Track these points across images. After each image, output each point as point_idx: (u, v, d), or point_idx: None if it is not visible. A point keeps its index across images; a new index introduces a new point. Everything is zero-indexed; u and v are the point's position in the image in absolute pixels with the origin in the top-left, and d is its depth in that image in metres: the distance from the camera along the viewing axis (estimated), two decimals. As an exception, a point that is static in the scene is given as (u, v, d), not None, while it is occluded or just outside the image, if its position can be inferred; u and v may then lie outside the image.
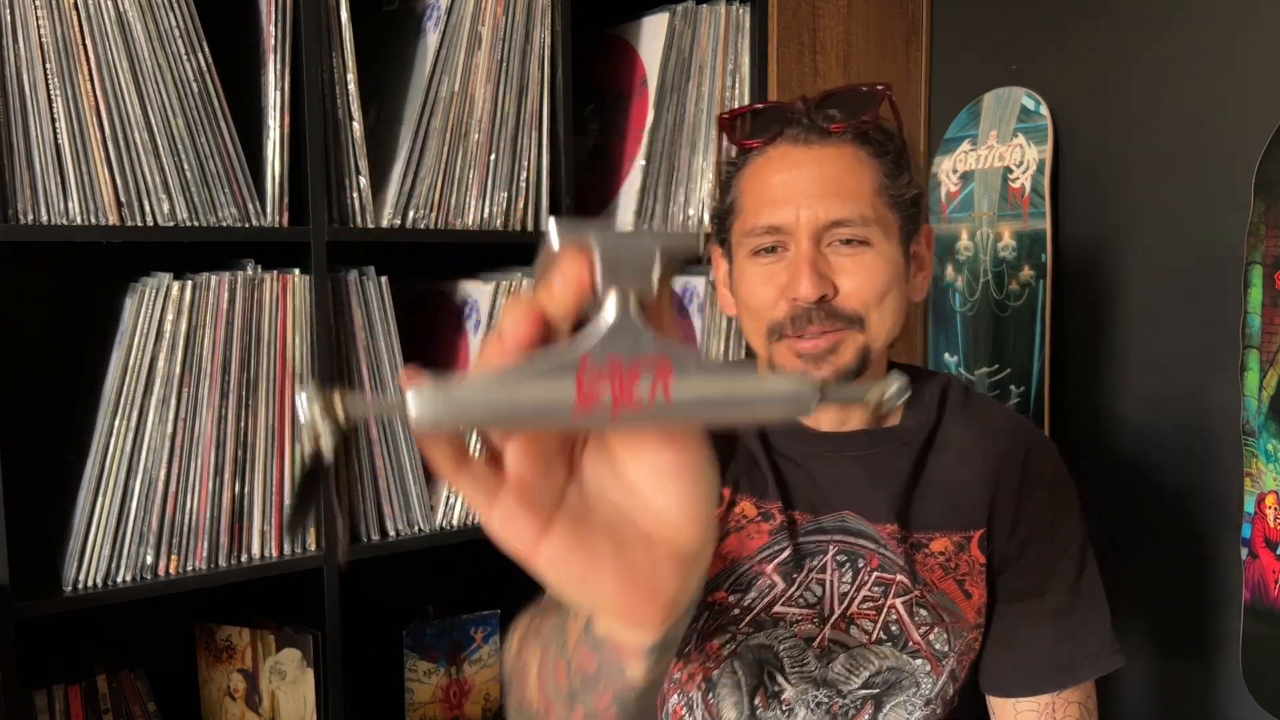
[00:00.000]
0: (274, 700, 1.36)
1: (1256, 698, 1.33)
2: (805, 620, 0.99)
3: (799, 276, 0.93)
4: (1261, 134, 1.30)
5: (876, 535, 0.99)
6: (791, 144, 0.96)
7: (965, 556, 1.01)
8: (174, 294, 1.19)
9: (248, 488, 1.26)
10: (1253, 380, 1.31)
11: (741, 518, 1.01)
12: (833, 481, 1.01)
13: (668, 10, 1.51)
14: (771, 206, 0.95)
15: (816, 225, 0.93)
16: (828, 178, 0.94)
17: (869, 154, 0.95)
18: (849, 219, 0.93)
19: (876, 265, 0.94)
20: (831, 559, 0.99)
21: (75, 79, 1.14)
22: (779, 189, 0.95)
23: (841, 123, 0.95)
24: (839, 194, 0.93)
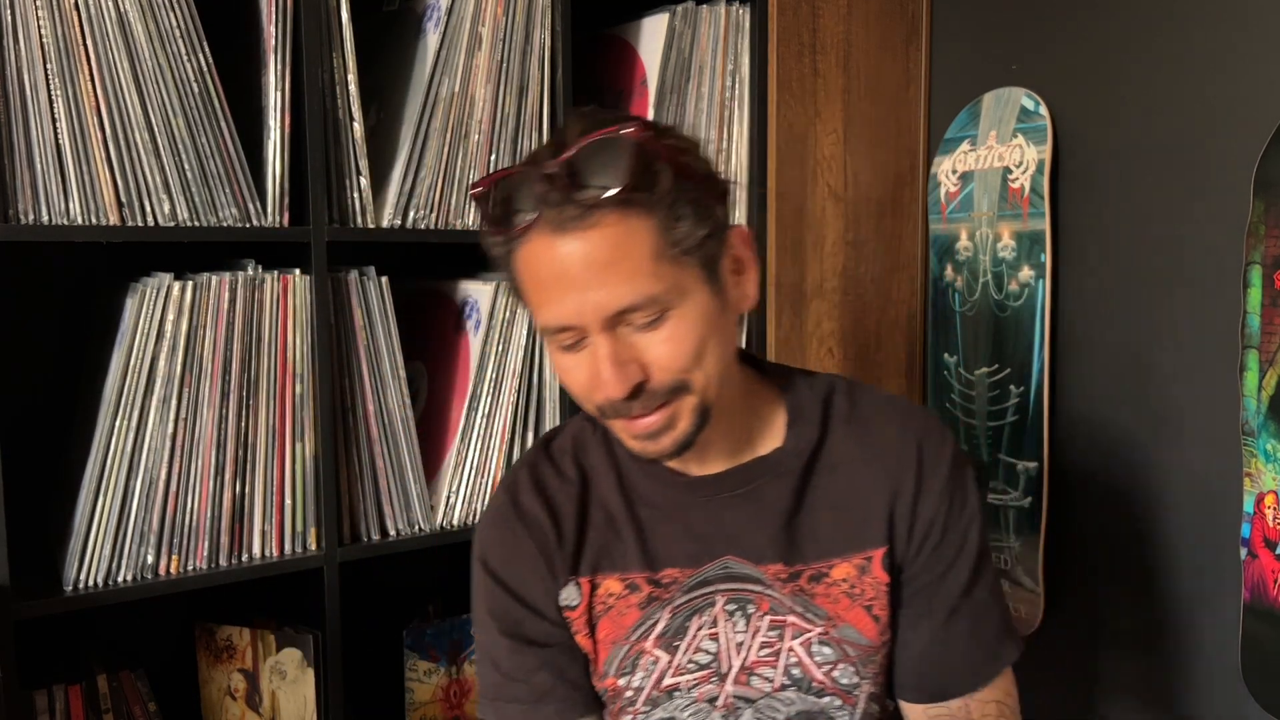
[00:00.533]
0: (274, 700, 1.36)
1: (1256, 698, 1.33)
2: (703, 682, 0.96)
3: (603, 377, 0.85)
4: (1261, 134, 1.30)
5: (762, 577, 0.95)
6: (550, 233, 0.84)
7: (869, 579, 0.96)
8: (175, 294, 1.20)
9: (248, 488, 1.26)
10: (1252, 380, 1.32)
11: (609, 597, 0.97)
12: (710, 527, 0.96)
13: (668, 10, 1.51)
14: (552, 306, 0.86)
15: (603, 317, 0.84)
16: (598, 265, 0.83)
17: (636, 217, 0.83)
18: (635, 304, 0.84)
19: (681, 331, 0.86)
20: (721, 610, 0.95)
21: (76, 79, 1.14)
22: (554, 286, 0.85)
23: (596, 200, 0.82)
24: (616, 280, 0.83)
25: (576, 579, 0.98)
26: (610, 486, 0.99)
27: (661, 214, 0.84)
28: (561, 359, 0.90)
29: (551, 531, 0.98)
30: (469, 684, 1.54)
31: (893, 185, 1.75)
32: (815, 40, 1.64)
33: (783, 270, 1.63)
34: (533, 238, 0.86)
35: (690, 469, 0.98)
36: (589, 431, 1.02)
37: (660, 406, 0.88)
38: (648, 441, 0.90)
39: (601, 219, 0.83)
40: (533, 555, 0.98)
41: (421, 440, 1.39)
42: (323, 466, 1.29)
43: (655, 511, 0.98)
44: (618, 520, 0.98)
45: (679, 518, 0.97)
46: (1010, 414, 1.63)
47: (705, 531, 0.96)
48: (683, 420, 0.89)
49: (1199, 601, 1.44)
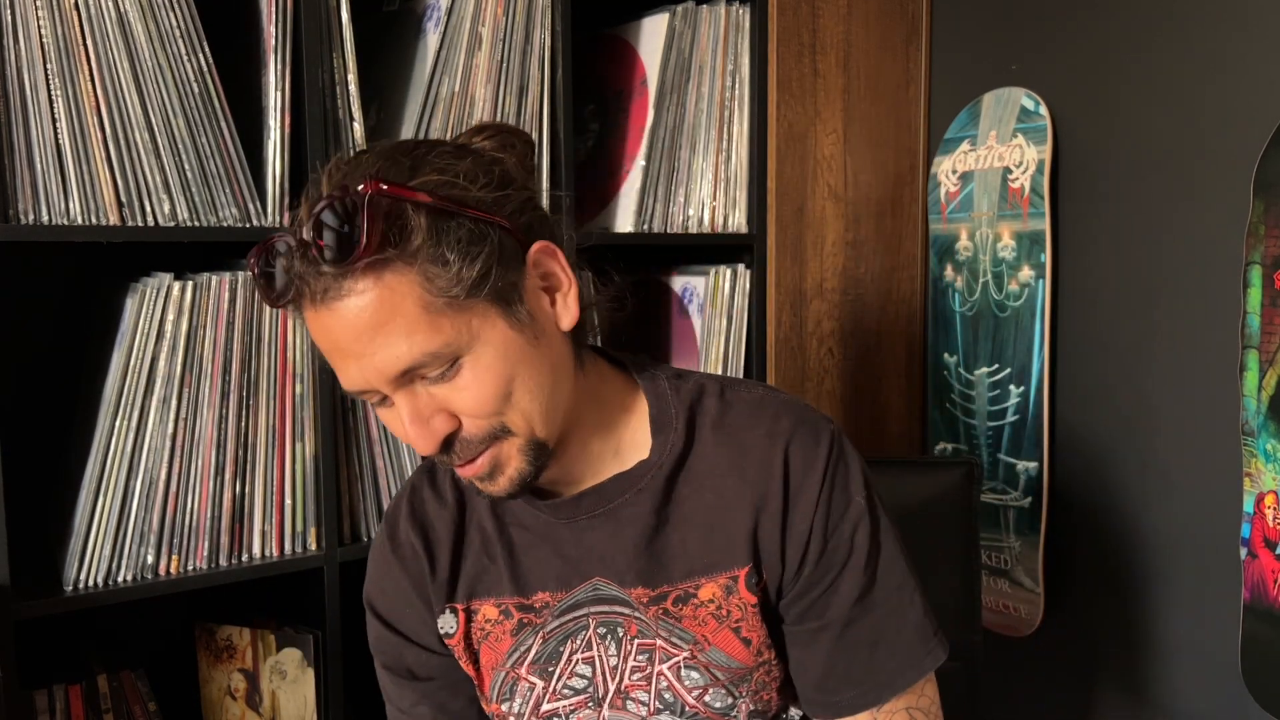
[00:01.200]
0: (274, 700, 1.36)
1: (1256, 697, 1.33)
2: (580, 707, 0.93)
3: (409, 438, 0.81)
4: (1261, 134, 1.30)
5: (628, 599, 0.91)
6: (310, 308, 0.79)
7: (735, 600, 0.90)
8: (175, 294, 1.20)
9: (248, 488, 1.26)
10: (1252, 380, 1.32)
11: (486, 623, 0.94)
12: (577, 549, 0.92)
13: (668, 10, 1.51)
14: (340, 373, 0.82)
15: (390, 379, 0.79)
16: (366, 331, 0.77)
17: (392, 275, 0.77)
18: (415, 363, 0.78)
19: (480, 377, 0.80)
20: (594, 633, 0.92)
21: (76, 79, 1.14)
22: (334, 355, 0.81)
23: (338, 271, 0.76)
24: (388, 343, 0.77)
25: (453, 605, 0.95)
26: (485, 508, 0.95)
27: (422, 264, 0.77)
28: (380, 415, 0.86)
29: (426, 562, 0.95)
30: (469, 684, 1.54)
31: (893, 185, 1.76)
32: (815, 40, 1.64)
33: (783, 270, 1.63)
34: (302, 310, 0.80)
35: (560, 489, 0.93)
36: None
37: (481, 454, 0.83)
38: (485, 483, 0.86)
39: (354, 286, 0.77)
40: (408, 589, 0.96)
41: (421, 440, 1.39)
42: (323, 466, 1.30)
43: (526, 534, 0.94)
44: (491, 543, 0.94)
45: (548, 540, 0.93)
46: (1010, 414, 1.63)
47: (573, 554, 0.92)
48: (513, 461, 0.84)
49: (1199, 601, 1.44)
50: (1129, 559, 1.52)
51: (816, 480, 0.89)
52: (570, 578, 0.92)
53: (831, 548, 0.90)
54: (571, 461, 0.91)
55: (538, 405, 0.83)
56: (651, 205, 1.53)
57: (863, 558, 0.90)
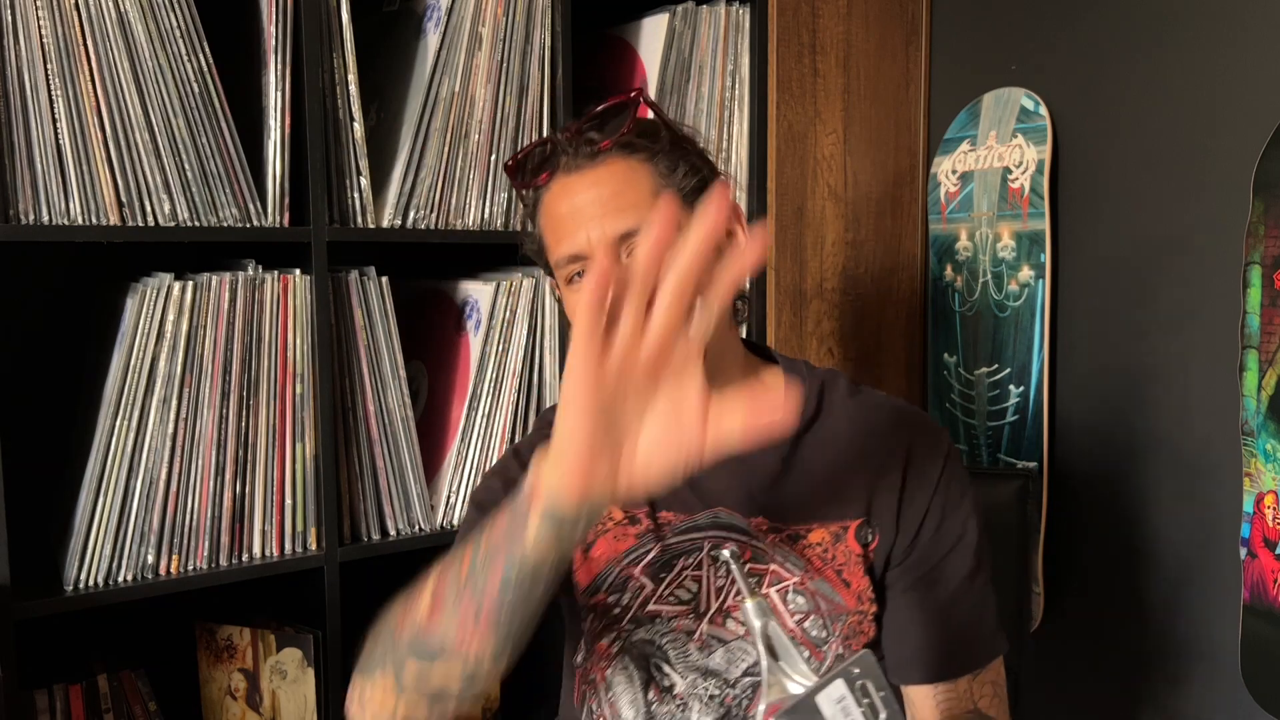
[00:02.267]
0: (274, 700, 1.36)
1: (1256, 697, 1.33)
2: (681, 616, 1.03)
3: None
4: (1260, 134, 1.30)
5: (747, 527, 1.03)
6: (565, 174, 1.00)
7: (842, 547, 1.03)
8: (175, 294, 1.20)
9: (249, 488, 1.26)
10: (1251, 380, 1.32)
11: (609, 521, 1.05)
12: (703, 480, 1.03)
13: (668, 11, 1.51)
14: (565, 237, 0.99)
15: (608, 239, 0.97)
16: (605, 196, 0.98)
17: (639, 161, 0.99)
18: (634, 228, 0.96)
19: None
20: (706, 555, 1.03)
21: (76, 79, 1.14)
22: (567, 219, 0.99)
23: (602, 140, 0.99)
24: (619, 207, 0.97)
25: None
26: None
27: (660, 161, 0.99)
28: (570, 294, 1.01)
29: None
30: (469, 684, 1.54)
31: (892, 185, 1.76)
32: (815, 40, 1.64)
33: (783, 270, 1.63)
34: (553, 184, 1.00)
35: None
36: None
37: None
38: None
39: (608, 160, 0.98)
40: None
41: (421, 440, 1.39)
42: (323, 466, 1.30)
43: None
44: None
45: None
46: (1010, 414, 1.63)
47: (699, 483, 1.03)
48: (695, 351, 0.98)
49: (1199, 601, 1.44)
50: (1129, 559, 1.52)
51: (938, 465, 1.04)
52: (693, 504, 1.04)
53: (947, 527, 1.03)
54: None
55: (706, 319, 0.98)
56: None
57: (973, 543, 1.04)
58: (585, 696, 1.07)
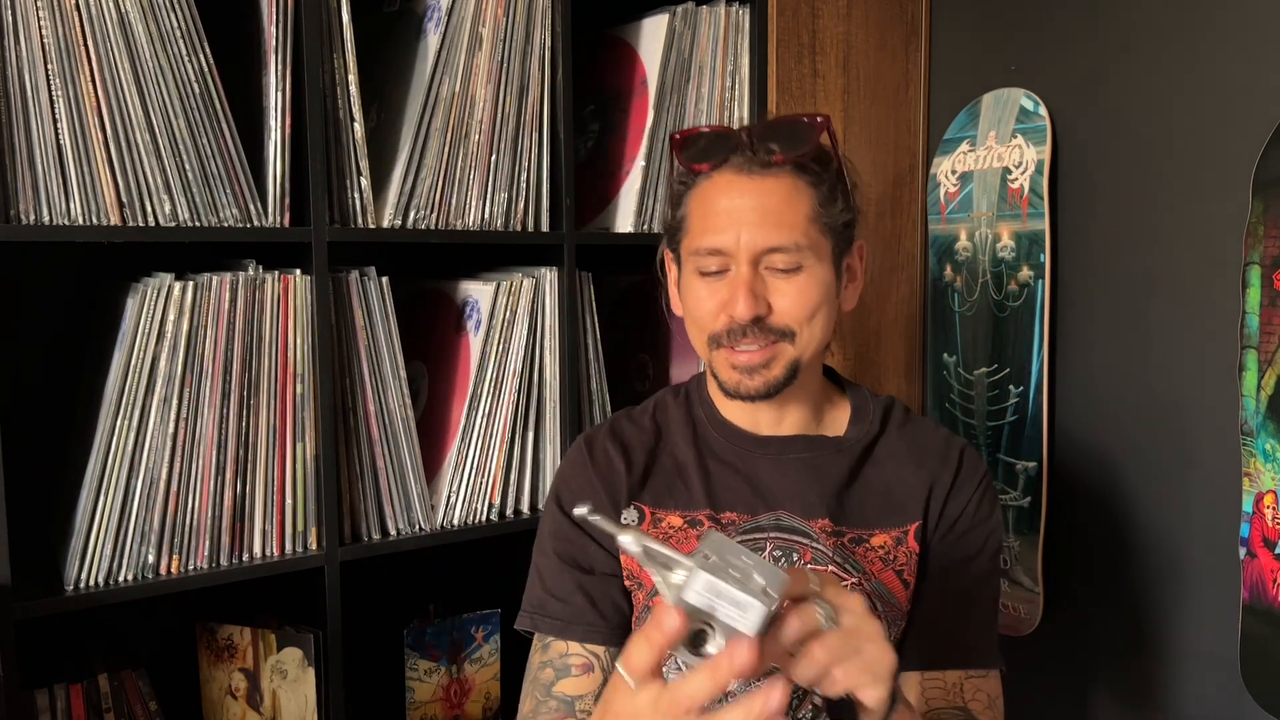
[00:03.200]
0: (275, 699, 1.37)
1: (1256, 697, 1.33)
2: None
3: (737, 297, 1.01)
4: (1260, 134, 1.30)
5: (809, 530, 1.07)
6: (736, 172, 1.03)
7: (904, 549, 1.09)
8: (175, 294, 1.20)
9: (249, 487, 1.26)
10: (1251, 380, 1.32)
11: (670, 530, 1.09)
12: (770, 482, 1.09)
13: (668, 11, 1.51)
14: (715, 231, 1.02)
15: (755, 250, 1.01)
16: (767, 207, 1.01)
17: (806, 183, 1.03)
18: (784, 246, 1.01)
19: (807, 286, 1.02)
20: (769, 554, 1.06)
21: (77, 79, 1.14)
22: (723, 215, 1.02)
23: (782, 155, 1.02)
24: (777, 223, 1.01)
25: (639, 504, 1.11)
26: (685, 440, 1.13)
27: (824, 189, 1.03)
28: (697, 285, 1.05)
29: (621, 464, 1.11)
30: (469, 683, 1.54)
31: (892, 185, 1.76)
32: (815, 41, 1.64)
33: (782, 270, 1.63)
34: (717, 176, 1.04)
35: (761, 429, 1.11)
36: (670, 397, 1.18)
37: (768, 344, 1.02)
38: (743, 375, 1.04)
39: (779, 174, 1.02)
40: (599, 489, 1.11)
41: (421, 440, 1.39)
42: (323, 466, 1.30)
43: (723, 465, 1.11)
44: (688, 468, 1.11)
45: (743, 471, 1.10)
46: (1010, 414, 1.63)
47: (766, 486, 1.09)
48: (778, 366, 1.04)
49: (1199, 601, 1.44)
50: (1128, 559, 1.52)
51: (977, 480, 1.13)
52: (756, 505, 1.09)
53: (973, 534, 1.11)
54: (785, 407, 1.11)
55: (819, 337, 1.05)
56: (651, 205, 1.53)
57: (991, 554, 1.12)
58: None
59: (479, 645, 1.54)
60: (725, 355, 1.05)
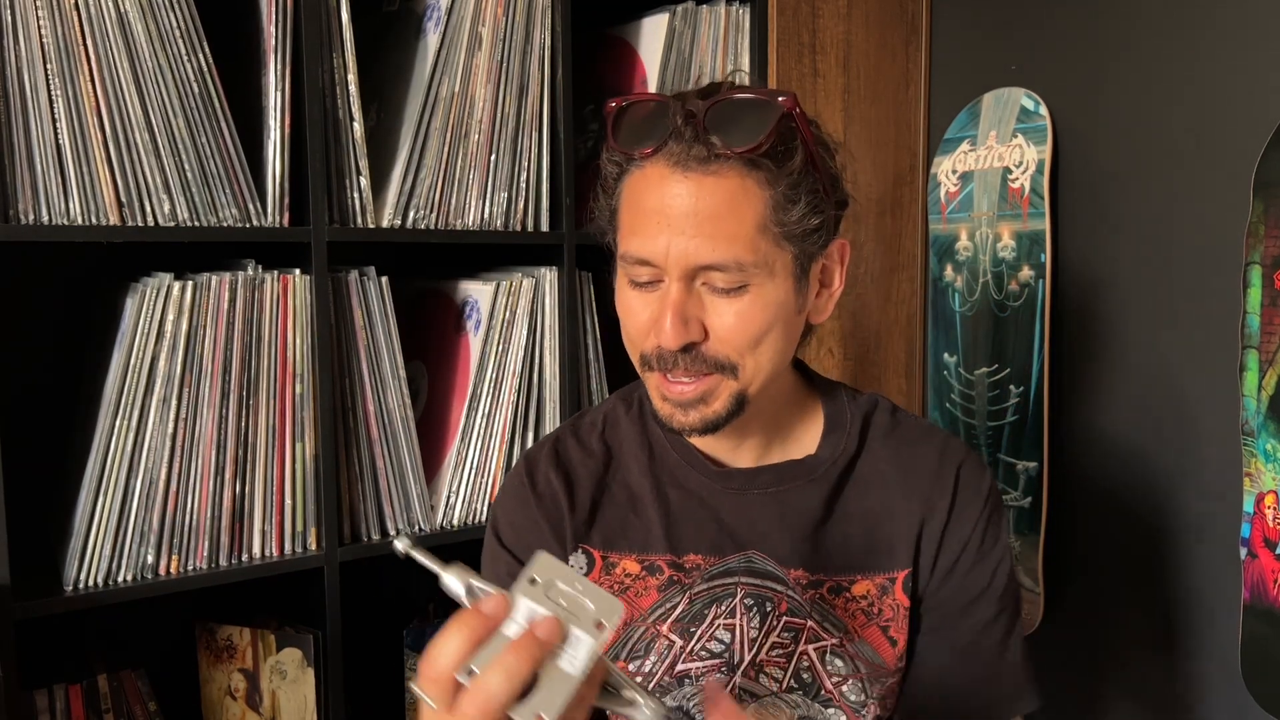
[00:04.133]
0: (274, 700, 1.36)
1: (1256, 698, 1.33)
2: (713, 671, 0.93)
3: (661, 322, 0.84)
4: (1260, 134, 1.30)
5: (784, 577, 0.93)
6: (670, 165, 0.84)
7: (889, 600, 0.94)
8: (175, 294, 1.20)
9: (249, 487, 1.26)
10: (1251, 380, 1.32)
11: (626, 577, 0.95)
12: (738, 520, 0.95)
13: (668, 11, 1.51)
14: (643, 236, 0.85)
15: (687, 266, 0.83)
16: (704, 214, 0.82)
17: (756, 183, 0.83)
18: (723, 264, 0.83)
19: (752, 310, 0.85)
20: (740, 603, 0.93)
21: (76, 79, 1.14)
22: (652, 218, 0.84)
23: (725, 149, 0.82)
24: (714, 234, 0.82)
25: (587, 548, 0.96)
26: (640, 467, 0.97)
27: (780, 191, 0.84)
28: (627, 295, 0.89)
29: (565, 501, 0.97)
30: (469, 684, 1.53)
31: (892, 185, 1.75)
32: (815, 40, 1.64)
33: (783, 270, 1.63)
34: (649, 166, 0.85)
35: (724, 458, 0.97)
36: (622, 410, 1.02)
37: (702, 376, 0.87)
38: (676, 410, 0.89)
39: (723, 170, 0.83)
40: (540, 524, 0.97)
41: (421, 440, 1.39)
42: (323, 466, 1.30)
43: (684, 495, 0.96)
44: (643, 501, 0.96)
45: (708, 505, 0.95)
46: (1010, 414, 1.63)
47: (731, 524, 0.95)
48: (718, 401, 0.88)
49: (1199, 601, 1.44)
50: (1129, 559, 1.52)
51: (980, 504, 0.96)
52: (724, 545, 0.94)
53: (978, 571, 0.96)
54: (744, 432, 0.95)
55: (769, 365, 0.88)
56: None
57: (998, 592, 0.96)
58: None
59: (479, 645, 1.53)
60: (657, 381, 0.89)
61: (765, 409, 0.94)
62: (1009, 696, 0.97)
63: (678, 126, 0.83)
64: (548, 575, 0.62)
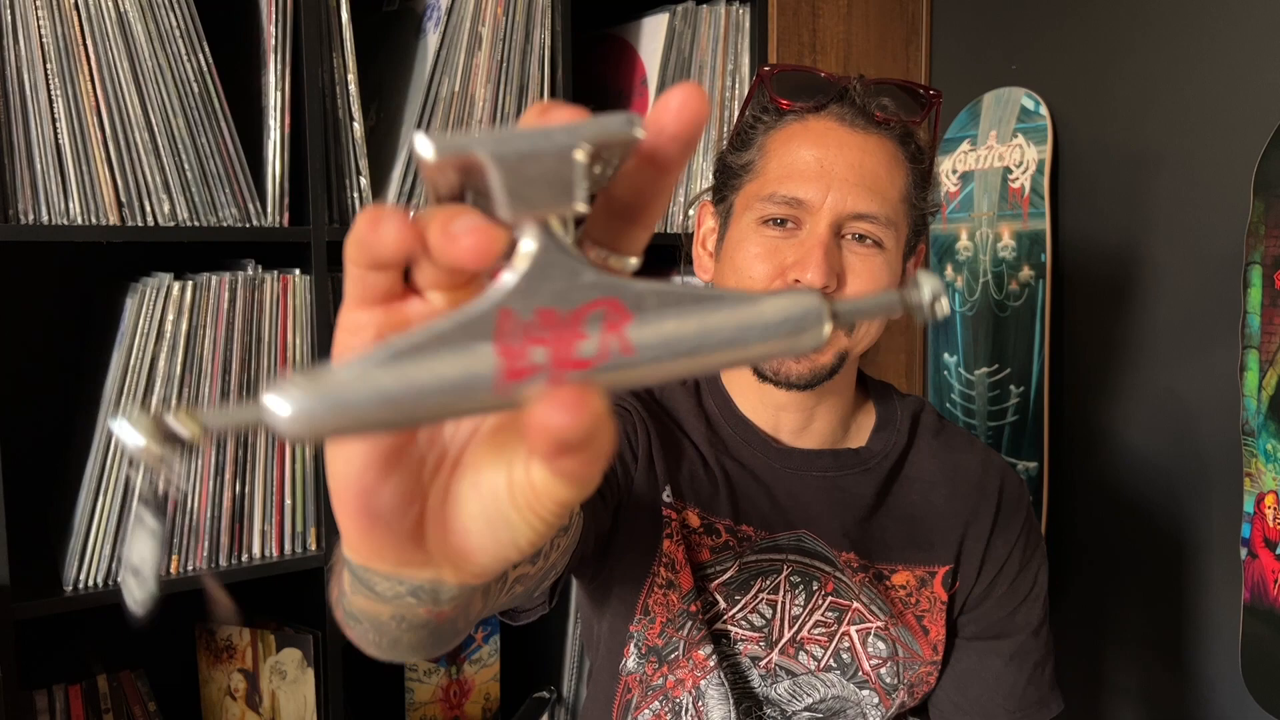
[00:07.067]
0: (274, 700, 1.36)
1: (1256, 698, 1.33)
2: (752, 642, 0.95)
3: (809, 261, 0.86)
4: (1261, 134, 1.30)
5: (834, 559, 0.95)
6: (837, 121, 0.89)
7: (927, 592, 0.97)
8: (174, 294, 1.20)
9: (248, 488, 1.26)
10: (1252, 380, 1.32)
11: (684, 527, 0.94)
12: (792, 500, 0.96)
13: (668, 10, 1.51)
14: (799, 179, 0.88)
15: (841, 212, 0.87)
16: (866, 167, 0.88)
17: (906, 156, 0.91)
18: (875, 215, 0.88)
19: (882, 270, 0.89)
20: (785, 579, 0.94)
21: (76, 79, 1.14)
22: (812, 163, 0.88)
23: (892, 115, 0.89)
24: (874, 187, 0.87)
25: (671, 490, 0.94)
26: (700, 434, 0.97)
27: (917, 172, 0.92)
28: (754, 238, 0.90)
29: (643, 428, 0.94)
30: (469, 684, 1.54)
31: (893, 185, 1.75)
32: (815, 40, 1.64)
33: (783, 270, 1.63)
34: (812, 119, 0.90)
35: (787, 438, 0.99)
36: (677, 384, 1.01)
37: None
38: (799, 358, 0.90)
39: (883, 136, 0.90)
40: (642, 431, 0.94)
41: (421, 440, 1.39)
42: (323, 466, 1.29)
43: (742, 469, 0.97)
44: (708, 463, 0.96)
45: (762, 482, 0.97)
46: (1010, 414, 1.63)
47: (787, 502, 0.96)
48: (827, 354, 0.91)
49: (1199, 601, 1.44)
50: (1129, 559, 1.52)
51: (1023, 514, 1.00)
52: (775, 522, 0.95)
53: (1023, 577, 0.99)
54: (812, 413, 0.98)
55: (874, 331, 0.95)
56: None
57: (1042, 595, 1.01)
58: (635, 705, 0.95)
59: (478, 646, 1.53)
60: None
61: (840, 389, 0.98)
62: (1045, 701, 1.01)
63: (852, 86, 0.90)
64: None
